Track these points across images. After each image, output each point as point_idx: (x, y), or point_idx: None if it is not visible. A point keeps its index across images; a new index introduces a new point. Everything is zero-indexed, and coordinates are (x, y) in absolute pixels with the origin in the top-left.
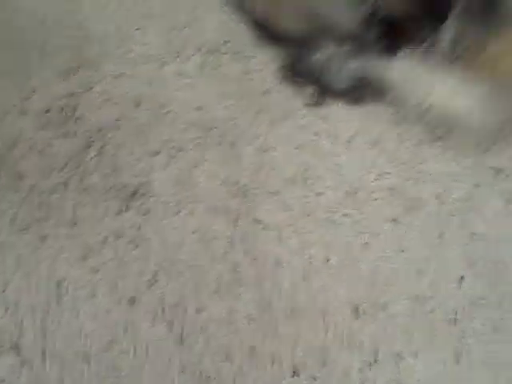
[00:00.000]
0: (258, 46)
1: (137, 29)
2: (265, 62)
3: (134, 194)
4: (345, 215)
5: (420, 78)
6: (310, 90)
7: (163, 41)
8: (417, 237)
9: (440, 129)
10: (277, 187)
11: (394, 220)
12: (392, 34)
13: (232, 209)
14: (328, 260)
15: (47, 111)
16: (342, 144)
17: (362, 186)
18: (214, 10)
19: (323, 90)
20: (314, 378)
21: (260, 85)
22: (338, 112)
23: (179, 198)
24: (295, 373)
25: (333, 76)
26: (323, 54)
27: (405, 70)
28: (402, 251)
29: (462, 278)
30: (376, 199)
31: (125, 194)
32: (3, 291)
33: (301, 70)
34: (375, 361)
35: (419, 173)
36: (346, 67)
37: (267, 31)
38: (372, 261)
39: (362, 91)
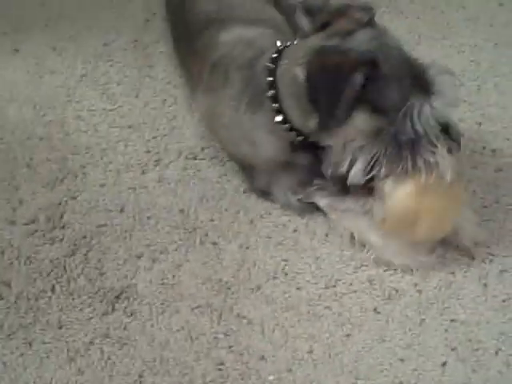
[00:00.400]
0: None
1: (119, 140)
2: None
3: (119, 296)
4: (326, 308)
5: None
6: None
7: (144, 149)
8: (398, 325)
9: None
10: (259, 283)
11: (375, 310)
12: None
13: (216, 306)
14: (311, 352)
15: (34, 221)
16: (320, 239)
17: (341, 279)
18: (191, 119)
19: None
20: None
21: (238, 186)
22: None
23: (164, 298)
24: None
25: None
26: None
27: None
28: (384, 340)
29: (444, 363)
30: (355, 291)
31: (110, 297)
32: None
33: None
34: None
35: (395, 262)
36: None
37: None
38: (355, 352)
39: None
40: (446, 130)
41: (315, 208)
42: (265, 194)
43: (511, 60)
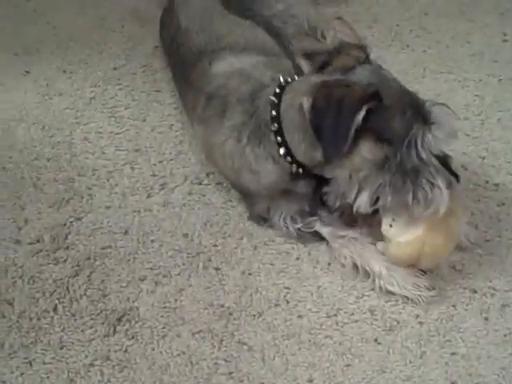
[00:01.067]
0: None
1: (126, 163)
2: None
3: (121, 318)
4: (327, 337)
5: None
6: None
7: (150, 173)
8: (398, 357)
9: None
10: (260, 309)
11: (376, 340)
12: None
13: (217, 331)
14: (311, 381)
15: (39, 240)
16: (323, 267)
17: (342, 308)
18: (196, 145)
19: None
20: None
21: (243, 212)
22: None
23: (165, 321)
24: None
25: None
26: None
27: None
28: (384, 372)
29: None
30: (357, 321)
31: (112, 319)
32: None
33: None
34: None
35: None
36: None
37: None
38: (355, 382)
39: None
40: (445, 162)
41: (314, 236)
42: (264, 220)
43: None
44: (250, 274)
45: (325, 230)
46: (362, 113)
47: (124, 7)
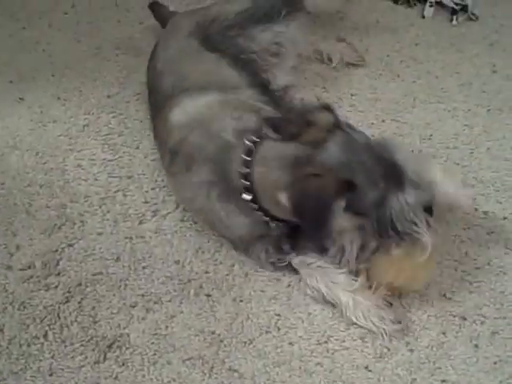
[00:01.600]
0: None
1: (118, 190)
2: None
3: (111, 345)
4: (318, 364)
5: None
6: None
7: (142, 200)
8: None
9: None
10: (251, 336)
11: (366, 368)
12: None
13: (207, 358)
14: None
15: (30, 266)
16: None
17: (333, 335)
18: None
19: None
20: None
21: None
22: None
23: (156, 348)
24: None
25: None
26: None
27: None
28: None
29: None
30: (347, 348)
31: (103, 346)
32: None
33: None
34: None
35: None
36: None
37: None
38: None
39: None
40: (429, 208)
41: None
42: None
43: (503, 125)
44: (241, 301)
45: (296, 260)
46: (341, 205)
47: (119, 36)
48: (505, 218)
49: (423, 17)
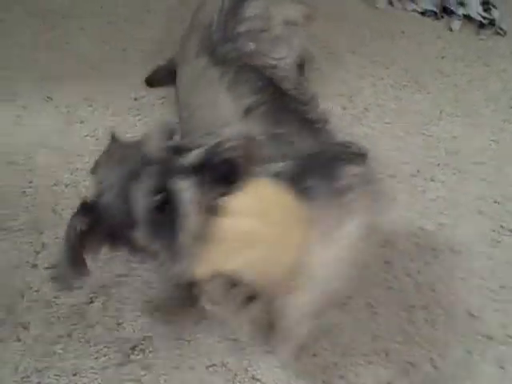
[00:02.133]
0: None
1: None
2: None
3: (135, 347)
4: (341, 377)
5: None
6: None
7: None
8: None
9: None
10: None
11: (389, 383)
12: None
13: (230, 366)
14: None
15: (55, 266)
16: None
17: (357, 348)
18: None
19: None
20: None
21: None
22: None
23: (179, 353)
24: None
25: None
26: None
27: None
28: None
29: None
30: (371, 362)
31: (126, 348)
32: None
33: None
34: None
35: (412, 338)
36: None
37: None
38: None
39: None
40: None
41: None
42: None
43: None
44: None
45: None
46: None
47: (144, 39)
48: None
49: (450, 29)
